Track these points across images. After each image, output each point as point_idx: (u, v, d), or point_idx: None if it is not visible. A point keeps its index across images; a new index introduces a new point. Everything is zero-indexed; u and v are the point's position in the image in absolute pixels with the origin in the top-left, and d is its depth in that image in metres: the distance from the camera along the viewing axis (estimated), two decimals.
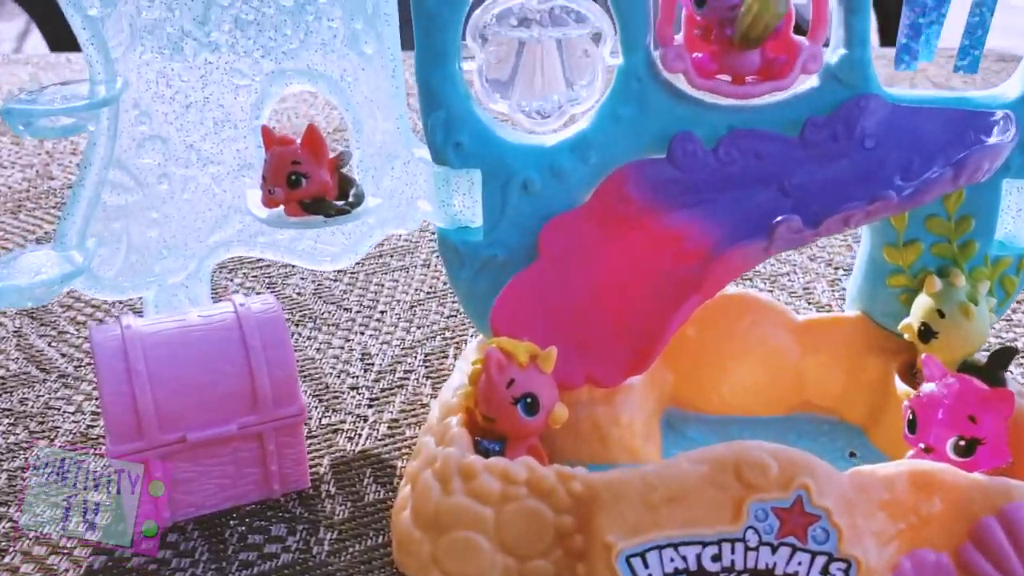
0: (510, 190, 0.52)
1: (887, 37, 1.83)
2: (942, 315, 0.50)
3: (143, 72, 0.56)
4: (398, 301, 0.69)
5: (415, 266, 0.73)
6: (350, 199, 0.57)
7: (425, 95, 0.51)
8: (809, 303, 0.68)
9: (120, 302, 0.67)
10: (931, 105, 0.50)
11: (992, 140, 0.46)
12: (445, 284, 0.71)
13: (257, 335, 0.48)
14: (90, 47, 0.53)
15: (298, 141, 0.55)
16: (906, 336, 0.51)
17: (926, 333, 0.50)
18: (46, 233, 0.79)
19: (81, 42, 0.53)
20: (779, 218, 0.46)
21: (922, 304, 0.51)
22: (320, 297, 0.69)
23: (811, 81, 0.50)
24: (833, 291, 0.69)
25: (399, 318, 0.67)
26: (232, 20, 0.55)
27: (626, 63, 0.51)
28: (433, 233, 0.60)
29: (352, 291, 0.70)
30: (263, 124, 0.57)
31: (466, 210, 0.54)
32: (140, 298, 0.58)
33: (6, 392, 0.60)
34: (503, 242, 0.53)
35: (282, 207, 0.56)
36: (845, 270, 0.71)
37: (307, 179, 0.55)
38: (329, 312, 0.67)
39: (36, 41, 2.11)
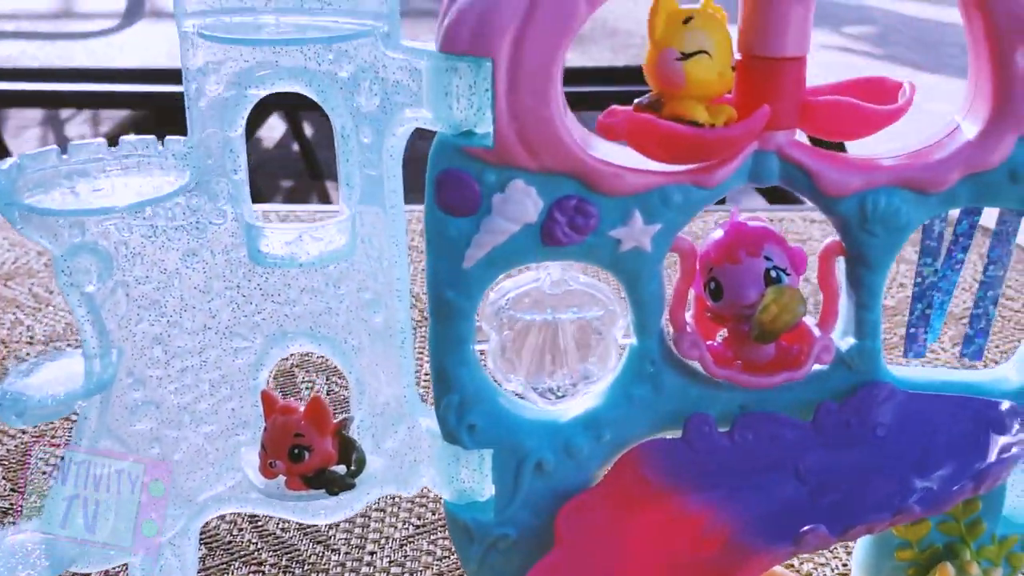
0: (524, 471, 0.51)
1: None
2: None
3: (138, 339, 0.54)
4: (387, 538, 0.67)
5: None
6: (351, 467, 0.55)
7: (438, 379, 0.51)
8: None
9: None
10: (937, 391, 0.51)
11: (1009, 445, 0.47)
12: (433, 515, 0.69)
13: None
14: (86, 324, 0.51)
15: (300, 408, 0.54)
16: None
17: None
18: (9, 451, 0.75)
19: (76, 318, 0.51)
20: (806, 528, 0.46)
21: None
22: (306, 535, 0.67)
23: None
24: None
25: (390, 561, 0.65)
26: (235, 288, 0.54)
27: (640, 345, 0.51)
28: None
29: (338, 525, 0.68)
30: (263, 389, 0.56)
31: (475, 485, 0.53)
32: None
33: None
34: (515, 521, 0.52)
35: (282, 478, 0.54)
36: None
37: (310, 452, 0.53)
38: (317, 555, 0.65)
39: None
